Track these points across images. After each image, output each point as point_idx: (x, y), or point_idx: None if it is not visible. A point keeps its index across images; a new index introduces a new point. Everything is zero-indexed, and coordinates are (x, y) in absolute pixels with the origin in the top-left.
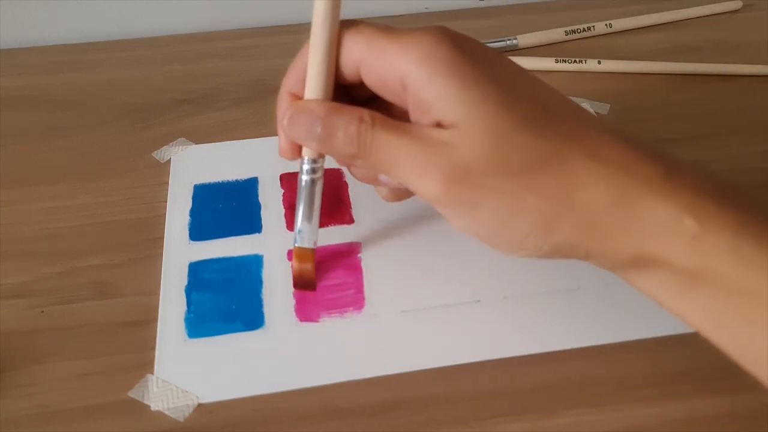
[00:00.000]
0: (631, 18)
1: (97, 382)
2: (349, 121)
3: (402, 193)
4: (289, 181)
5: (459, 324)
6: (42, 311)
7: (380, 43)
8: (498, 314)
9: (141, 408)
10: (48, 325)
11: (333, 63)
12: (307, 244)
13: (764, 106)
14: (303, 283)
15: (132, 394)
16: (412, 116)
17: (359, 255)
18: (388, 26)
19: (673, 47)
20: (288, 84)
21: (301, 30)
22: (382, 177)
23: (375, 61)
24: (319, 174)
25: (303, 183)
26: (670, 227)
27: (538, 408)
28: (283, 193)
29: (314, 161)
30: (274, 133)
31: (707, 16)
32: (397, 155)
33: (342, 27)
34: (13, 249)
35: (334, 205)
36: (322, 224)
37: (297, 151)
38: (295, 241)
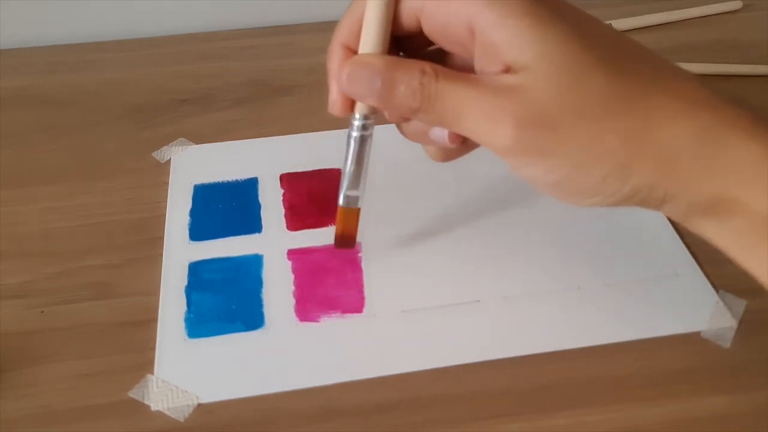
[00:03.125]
0: (631, 18)
1: (97, 382)
2: (411, 74)
3: (452, 152)
4: (289, 181)
5: (459, 324)
6: (42, 311)
7: None
8: (498, 314)
9: (141, 408)
10: (48, 325)
11: (391, 14)
12: (351, 205)
13: (764, 106)
14: (344, 243)
15: (132, 394)
16: (478, 64)
17: (359, 255)
18: None
19: (673, 47)
20: (341, 36)
21: (301, 30)
22: (434, 133)
23: (438, 8)
24: (370, 131)
25: (353, 141)
26: (754, 168)
27: (538, 408)
28: (283, 193)
29: (366, 117)
30: (274, 133)
31: (707, 16)
32: (464, 105)
33: None
34: (13, 249)
35: (334, 205)
36: (321, 224)
37: (349, 107)
38: (341, 202)
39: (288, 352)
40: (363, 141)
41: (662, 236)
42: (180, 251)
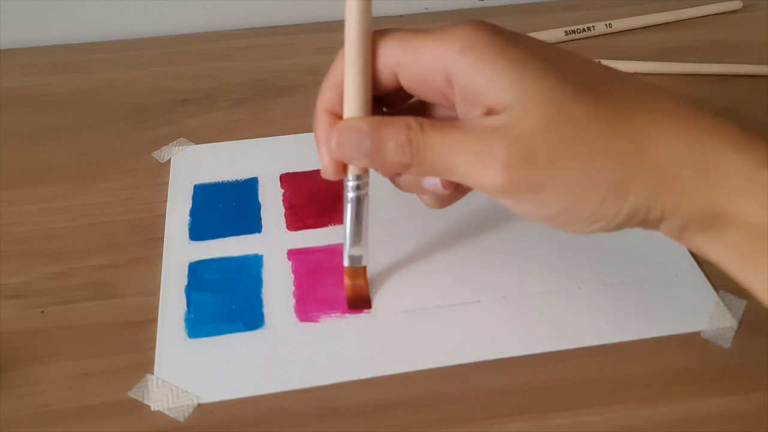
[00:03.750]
0: (631, 18)
1: (97, 382)
2: (399, 131)
3: (447, 199)
4: (288, 181)
5: (459, 324)
6: (42, 311)
7: (416, 43)
8: (498, 314)
9: (141, 408)
10: (48, 325)
11: (369, 75)
12: (357, 264)
13: (764, 106)
14: (358, 301)
15: (132, 394)
16: (460, 110)
17: None
18: (416, 29)
19: (672, 47)
20: (324, 101)
21: (301, 30)
22: (427, 182)
23: (413, 61)
24: (365, 190)
25: (350, 202)
26: (747, 180)
27: (538, 408)
28: (283, 193)
29: (359, 177)
30: (274, 133)
31: (707, 16)
32: (453, 153)
33: (373, 36)
34: (13, 249)
35: (334, 205)
36: (321, 224)
37: (342, 170)
38: (346, 263)
39: (288, 352)
40: (360, 201)
41: (662, 236)
42: (180, 251)
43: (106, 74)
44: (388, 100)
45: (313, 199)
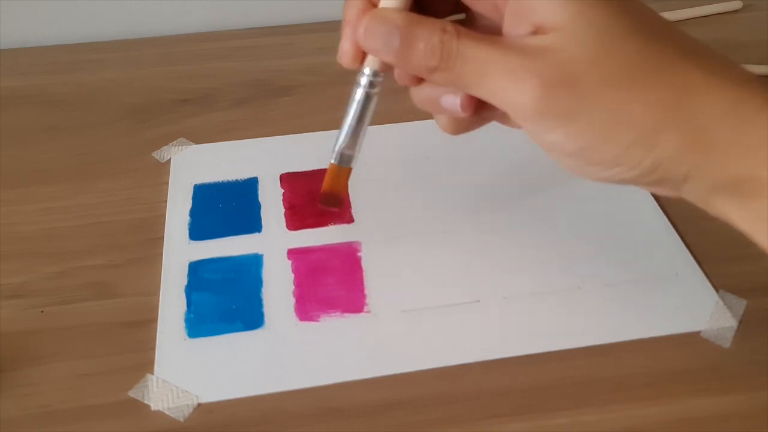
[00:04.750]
0: None
1: (97, 382)
2: (432, 31)
3: (463, 124)
4: (288, 180)
5: (459, 324)
6: (42, 311)
7: None
8: (498, 314)
9: (141, 408)
10: (48, 325)
11: None
12: (344, 164)
13: None
14: (331, 198)
15: (132, 394)
16: (507, 24)
17: (359, 254)
18: None
19: None
20: None
21: (301, 30)
22: (446, 100)
23: None
24: (377, 90)
25: (358, 96)
26: None
27: (538, 408)
28: (283, 193)
29: (376, 74)
30: (274, 133)
31: (707, 16)
32: (486, 65)
33: None
34: (13, 249)
35: None
36: (321, 224)
37: (360, 59)
38: (334, 159)
39: (288, 352)
40: (368, 98)
41: (662, 236)
42: (180, 251)
43: (106, 74)
44: (431, 8)
45: (313, 199)
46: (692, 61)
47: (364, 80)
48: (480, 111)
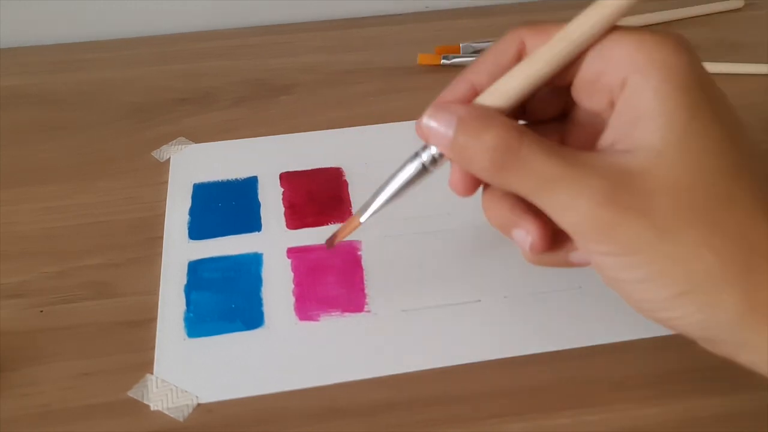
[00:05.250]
0: (632, 17)
1: (97, 382)
2: (495, 131)
3: (540, 259)
4: (288, 179)
5: (459, 324)
6: (41, 311)
7: (613, 36)
8: (498, 314)
9: (141, 408)
10: (48, 325)
11: (554, 71)
12: (362, 218)
13: (765, 106)
14: (329, 243)
15: (132, 393)
16: (611, 128)
17: (359, 253)
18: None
19: None
20: (473, 72)
21: (301, 30)
22: (517, 235)
23: (604, 51)
24: (434, 169)
25: (412, 167)
26: None
27: (538, 408)
28: (283, 192)
29: (442, 155)
30: (274, 132)
31: (709, 14)
32: (547, 179)
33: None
34: (13, 249)
35: (334, 204)
36: (321, 222)
37: (473, 188)
38: (363, 217)
39: (288, 352)
40: (422, 173)
41: None
42: (179, 250)
43: (105, 73)
44: (534, 110)
45: (313, 198)
46: None
47: (426, 155)
48: (558, 244)
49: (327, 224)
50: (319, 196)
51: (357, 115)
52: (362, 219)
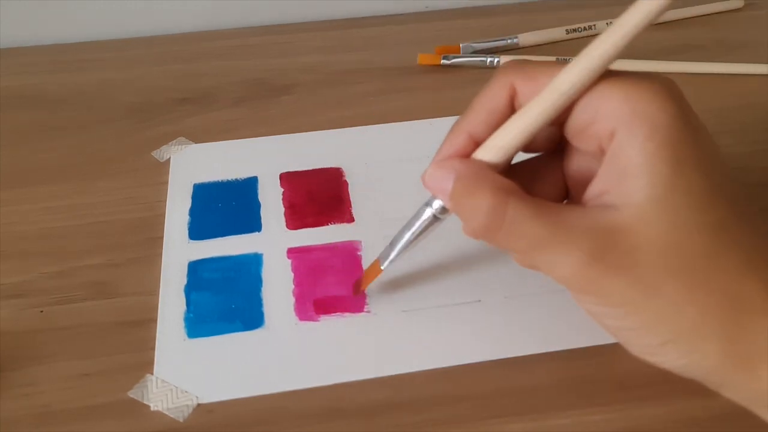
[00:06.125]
0: None
1: (97, 382)
2: (483, 192)
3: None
4: (288, 179)
5: (460, 324)
6: (41, 311)
7: (602, 85)
8: (499, 314)
9: (141, 408)
10: (47, 325)
11: (551, 118)
12: (383, 266)
13: (765, 106)
14: (356, 289)
15: (132, 394)
16: (600, 177)
17: (359, 253)
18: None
19: (674, 46)
20: (469, 122)
21: (301, 30)
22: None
23: (592, 101)
24: (445, 217)
25: (424, 215)
26: None
27: (538, 408)
28: (283, 192)
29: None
30: (274, 132)
31: (709, 14)
32: (536, 239)
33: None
34: (13, 249)
35: (334, 204)
36: (321, 223)
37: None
38: (383, 264)
39: (288, 352)
40: (434, 221)
41: None
42: (179, 250)
43: (105, 74)
44: (535, 144)
45: (313, 198)
46: (757, 275)
47: (436, 204)
48: None
49: (327, 224)
50: (319, 196)
51: (357, 115)
52: (383, 266)
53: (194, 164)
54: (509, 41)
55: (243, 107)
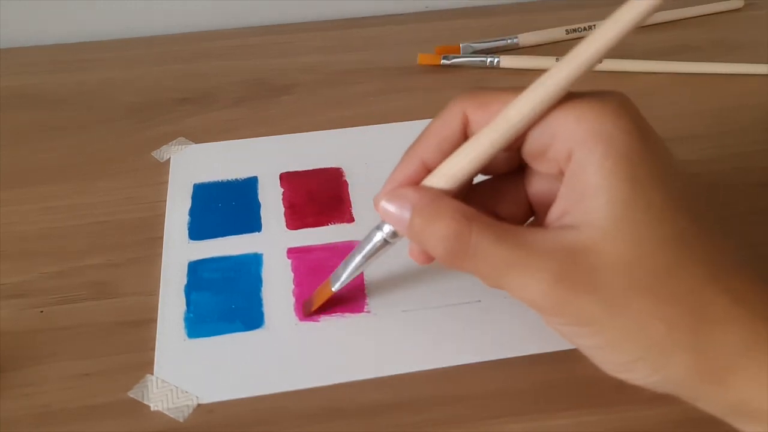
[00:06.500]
0: None
1: (97, 382)
2: (445, 220)
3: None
4: (288, 179)
5: (459, 324)
6: (41, 311)
7: (555, 108)
8: (499, 314)
9: (141, 408)
10: (48, 325)
11: (501, 147)
12: (334, 288)
13: (765, 106)
14: (306, 310)
15: (132, 394)
16: (561, 198)
17: None
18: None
19: (674, 46)
20: (422, 148)
21: (301, 30)
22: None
23: (545, 127)
24: (395, 241)
25: (375, 239)
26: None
27: (538, 408)
28: (283, 192)
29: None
30: (274, 132)
31: (709, 15)
32: (500, 264)
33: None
34: (13, 249)
35: (334, 204)
36: (321, 223)
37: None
38: (335, 287)
39: (288, 352)
40: (385, 245)
41: None
42: (179, 250)
43: (105, 73)
44: (494, 166)
45: (313, 198)
46: (720, 285)
47: (387, 228)
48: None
49: (327, 224)
50: (319, 196)
51: (357, 115)
52: (334, 288)
53: (194, 164)
54: (509, 41)
55: (243, 107)
